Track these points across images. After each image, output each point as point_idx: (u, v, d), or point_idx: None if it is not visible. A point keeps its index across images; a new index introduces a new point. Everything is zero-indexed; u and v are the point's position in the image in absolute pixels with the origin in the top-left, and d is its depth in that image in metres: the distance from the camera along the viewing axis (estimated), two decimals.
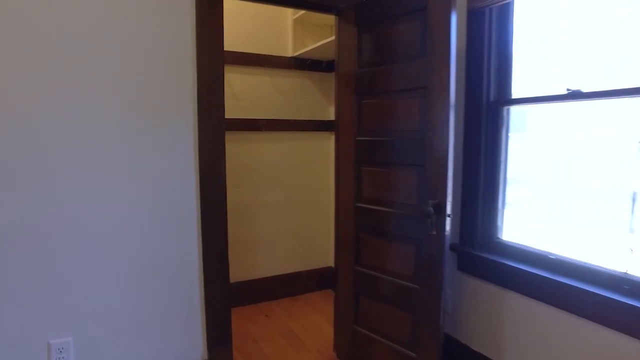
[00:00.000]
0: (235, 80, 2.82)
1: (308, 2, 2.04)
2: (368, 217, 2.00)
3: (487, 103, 1.89)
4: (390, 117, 1.85)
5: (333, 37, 2.35)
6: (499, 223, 1.94)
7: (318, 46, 2.70)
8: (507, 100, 1.87)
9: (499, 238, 1.94)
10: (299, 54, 2.92)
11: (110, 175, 1.66)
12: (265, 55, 2.87)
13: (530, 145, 1.86)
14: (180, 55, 1.77)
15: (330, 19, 2.62)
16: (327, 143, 3.19)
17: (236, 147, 2.87)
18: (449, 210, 1.64)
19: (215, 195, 1.89)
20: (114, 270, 1.70)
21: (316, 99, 3.12)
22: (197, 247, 1.86)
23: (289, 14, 2.95)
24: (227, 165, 2.86)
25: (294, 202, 3.13)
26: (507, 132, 1.88)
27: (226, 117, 2.85)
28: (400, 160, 1.82)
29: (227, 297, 1.95)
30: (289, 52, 2.98)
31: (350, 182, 2.07)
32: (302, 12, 2.83)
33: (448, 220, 1.65)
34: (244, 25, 2.83)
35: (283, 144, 3.03)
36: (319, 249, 3.26)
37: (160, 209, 1.77)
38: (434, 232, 1.67)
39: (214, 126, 1.85)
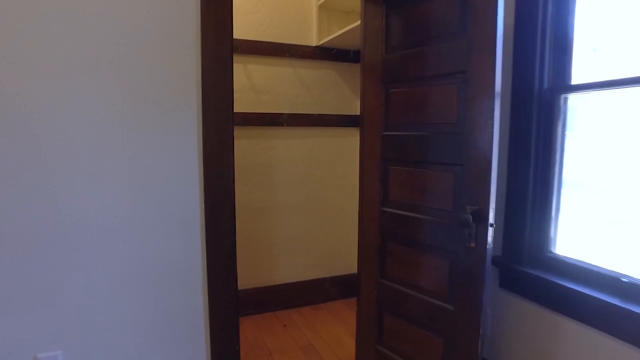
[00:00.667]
0: (256, 72, 2.63)
1: None
2: (395, 223, 1.74)
3: (540, 91, 1.59)
4: (422, 108, 1.59)
5: (359, 22, 2.11)
6: (551, 234, 1.63)
7: (344, 33, 2.45)
8: (566, 87, 1.56)
9: (551, 252, 1.63)
10: (324, 43, 2.68)
11: (107, 173, 1.49)
12: (287, 44, 2.66)
13: (592, 141, 1.55)
14: (182, 40, 1.57)
15: (357, 4, 2.37)
16: (353, 140, 2.94)
17: (256, 143, 2.67)
18: (491, 218, 1.37)
19: (222, 196, 1.68)
20: (109, 276, 1.53)
21: (342, 92, 2.88)
22: (200, 253, 1.66)
23: (314, 0, 2.73)
24: (246, 163, 2.72)
25: (318, 203, 2.90)
26: (564, 125, 1.57)
27: (245, 111, 2.67)
28: (434, 158, 1.55)
29: (235, 308, 1.75)
30: (314, 41, 2.75)
31: (376, 183, 1.81)
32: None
33: (490, 231, 1.37)
34: (265, 12, 2.62)
35: (306, 140, 2.81)
36: (344, 254, 3.02)
37: (161, 211, 1.58)
38: (473, 244, 1.40)
39: (221, 120, 1.64)
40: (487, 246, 1.37)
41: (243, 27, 2.57)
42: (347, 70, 2.87)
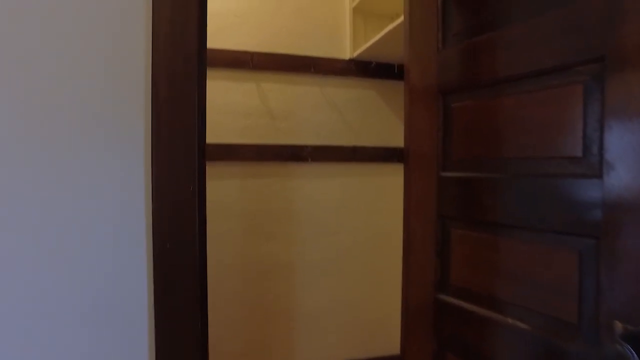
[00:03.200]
0: (272, 92, 2.06)
1: None
2: (460, 324, 1.04)
3: None
4: (510, 132, 0.90)
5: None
6: None
7: (386, 38, 1.84)
8: None
9: None
10: (360, 55, 2.08)
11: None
12: (313, 57, 2.08)
13: None
14: (125, 46, 1.02)
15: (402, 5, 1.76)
16: (399, 179, 2.25)
17: (271, 184, 2.07)
18: None
19: (182, 272, 1.07)
20: None
21: (385, 118, 2.24)
22: None
23: (346, 1, 2.15)
24: (257, 208, 2.07)
25: (352, 261, 2.21)
26: None
27: (258, 142, 2.09)
28: (536, 220, 0.85)
29: None
30: (347, 53, 2.15)
31: (428, 253, 1.12)
32: None
33: None
34: (285, 18, 2.08)
35: (337, 180, 2.17)
36: (386, 329, 2.28)
37: (79, 299, 0.99)
38: None
39: (179, 157, 1.05)
40: None
41: (256, 36, 2.03)
42: (391, 89, 2.24)
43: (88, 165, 0.97)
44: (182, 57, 1.04)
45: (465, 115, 1.00)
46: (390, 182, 2.24)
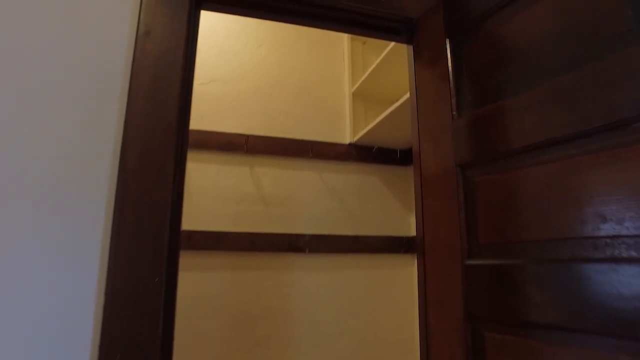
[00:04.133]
0: (267, 177, 1.92)
1: (345, 18, 1.15)
2: None
3: None
4: (557, 205, 0.72)
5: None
6: None
7: (388, 121, 1.75)
8: None
9: None
10: (361, 139, 1.99)
11: None
12: (311, 141, 1.99)
13: None
14: (93, 112, 0.90)
15: (403, 91, 1.70)
16: (408, 272, 2.03)
17: (263, 277, 1.84)
18: None
19: None
20: None
21: (388, 205, 2.08)
22: None
23: (346, 86, 2.11)
24: (247, 308, 1.76)
25: None
26: None
27: (251, 230, 1.90)
28: (598, 321, 0.63)
29: None
30: (347, 137, 2.07)
31: None
32: (362, 80, 1.98)
33: None
34: (283, 101, 2.02)
35: (338, 273, 1.94)
36: None
37: None
38: None
39: (146, 244, 0.86)
40: None
41: (252, 120, 1.95)
42: (395, 175, 2.11)
43: (31, 250, 0.78)
44: (159, 130, 0.90)
45: (493, 189, 0.84)
46: (398, 275, 2.01)
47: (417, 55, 1.12)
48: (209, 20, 1.99)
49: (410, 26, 1.14)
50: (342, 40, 2.20)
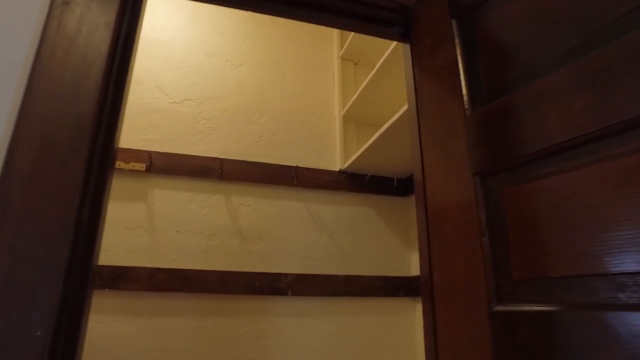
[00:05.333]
0: (245, 208, 1.68)
1: (329, 5, 0.95)
2: None
3: None
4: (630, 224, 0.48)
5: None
6: None
7: (384, 141, 1.54)
8: None
9: None
10: (352, 165, 1.76)
11: None
12: (297, 167, 1.76)
13: None
14: None
15: (397, 111, 1.50)
16: (409, 319, 1.74)
17: (238, 325, 1.55)
18: None
19: None
20: None
21: (385, 241, 1.82)
22: None
23: (336, 108, 1.92)
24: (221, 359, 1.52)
25: None
26: None
27: (223, 269, 1.63)
28: None
29: None
30: (336, 164, 1.84)
31: None
32: (352, 101, 1.78)
33: None
34: (265, 123, 1.81)
35: (327, 320, 1.66)
36: None
37: None
38: None
39: (29, 286, 0.60)
40: None
41: (229, 142, 1.73)
42: (391, 206, 1.87)
43: None
44: (65, 133, 0.66)
45: (529, 203, 0.60)
46: (396, 322, 1.72)
47: (415, 49, 0.92)
48: (185, 37, 1.82)
49: (406, 15, 0.95)
50: (332, 60, 2.02)
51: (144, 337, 1.45)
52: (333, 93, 1.97)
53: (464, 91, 0.73)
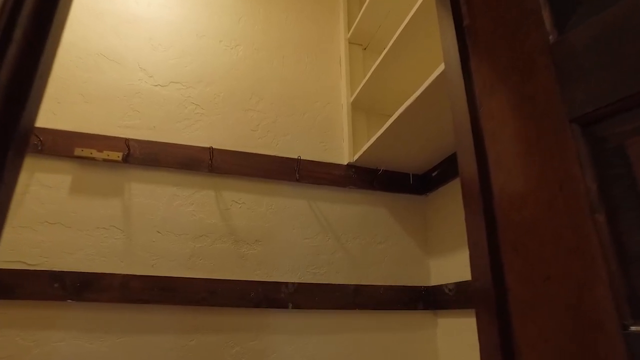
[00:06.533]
0: (238, 206, 1.44)
1: None
2: None
3: None
4: None
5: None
6: None
7: (401, 123, 1.31)
8: None
9: None
10: (362, 159, 1.53)
11: None
12: (300, 160, 1.53)
13: None
14: None
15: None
16: (428, 336, 1.49)
17: (229, 342, 1.30)
18: None
19: None
20: None
21: (401, 245, 1.58)
22: None
23: (343, 95, 1.69)
24: None
25: None
26: None
27: (212, 276, 1.38)
28: None
29: None
30: (345, 157, 1.61)
31: None
32: (362, 86, 1.56)
33: None
34: (265, 110, 1.59)
35: (333, 338, 1.41)
36: None
37: None
38: None
39: None
40: None
41: (221, 130, 1.51)
42: (407, 206, 1.64)
43: None
44: None
45: None
46: (414, 340, 1.47)
47: None
48: (174, 14, 1.60)
49: None
50: (339, 44, 1.81)
51: (116, 359, 1.21)
52: (340, 79, 1.75)
53: (545, 12, 0.50)
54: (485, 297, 0.53)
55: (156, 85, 1.50)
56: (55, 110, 1.36)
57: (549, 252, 0.44)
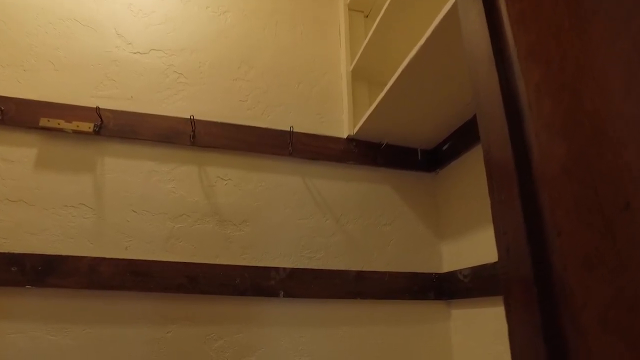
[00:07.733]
0: (224, 182, 1.29)
1: None
2: None
3: None
4: None
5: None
6: None
7: (405, 86, 1.14)
8: None
9: None
10: (363, 131, 1.37)
11: None
12: (294, 133, 1.37)
13: None
14: None
15: None
16: (441, 329, 1.32)
17: (212, 335, 1.15)
18: None
19: None
20: None
21: (408, 227, 1.41)
22: None
23: (342, 63, 1.54)
24: None
25: None
26: None
27: (193, 261, 1.19)
28: None
29: None
30: (344, 129, 1.45)
31: None
32: (362, 51, 1.40)
33: None
34: (255, 79, 1.44)
35: (331, 331, 1.24)
36: None
37: None
38: None
39: None
40: None
41: (205, 100, 1.36)
42: (415, 184, 1.46)
43: None
44: None
45: None
46: (424, 333, 1.30)
47: None
48: None
49: None
50: (338, 10, 1.65)
51: (83, 353, 1.06)
52: (339, 49, 1.59)
53: None
54: (522, 279, 0.37)
55: (135, 53, 1.36)
56: (20, 78, 1.23)
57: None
